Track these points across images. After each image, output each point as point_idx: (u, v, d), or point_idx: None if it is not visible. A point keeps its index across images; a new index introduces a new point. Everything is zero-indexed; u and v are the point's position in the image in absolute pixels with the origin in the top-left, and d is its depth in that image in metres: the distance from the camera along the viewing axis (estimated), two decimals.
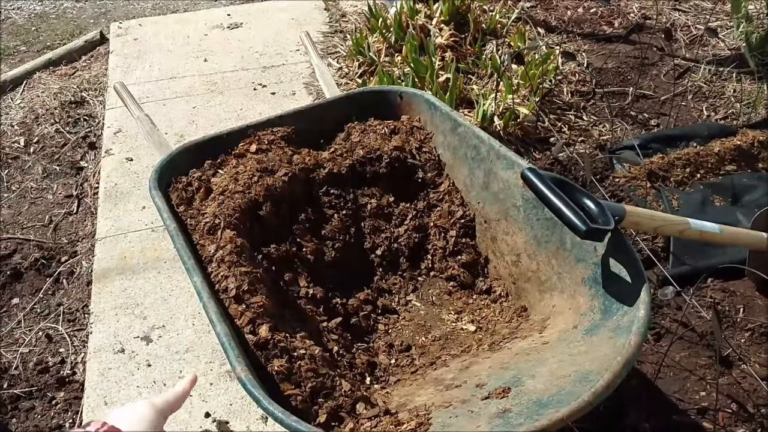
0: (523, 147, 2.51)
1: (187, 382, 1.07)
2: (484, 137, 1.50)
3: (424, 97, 1.69)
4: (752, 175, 2.26)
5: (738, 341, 1.76)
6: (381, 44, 3.06)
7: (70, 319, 2.00)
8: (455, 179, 1.63)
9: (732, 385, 1.65)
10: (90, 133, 2.82)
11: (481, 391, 1.10)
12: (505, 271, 1.52)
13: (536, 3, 3.65)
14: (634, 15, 3.42)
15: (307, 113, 1.71)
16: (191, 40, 3.49)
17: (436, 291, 1.59)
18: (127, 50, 3.40)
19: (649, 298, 1.08)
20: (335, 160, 1.63)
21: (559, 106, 2.73)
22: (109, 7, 4.07)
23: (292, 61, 3.26)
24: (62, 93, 3.05)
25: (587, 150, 2.49)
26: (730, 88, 2.78)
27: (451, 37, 2.98)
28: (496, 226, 1.52)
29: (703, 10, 3.43)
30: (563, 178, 1.21)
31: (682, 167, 2.28)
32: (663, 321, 1.83)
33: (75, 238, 2.30)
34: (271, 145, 1.61)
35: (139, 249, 2.19)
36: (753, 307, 1.84)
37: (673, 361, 1.71)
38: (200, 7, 4.00)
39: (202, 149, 1.58)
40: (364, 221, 1.64)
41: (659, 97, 2.79)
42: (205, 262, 1.31)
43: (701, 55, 3.04)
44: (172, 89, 3.05)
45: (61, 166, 2.64)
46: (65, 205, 2.46)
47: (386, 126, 1.71)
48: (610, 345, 1.06)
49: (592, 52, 3.13)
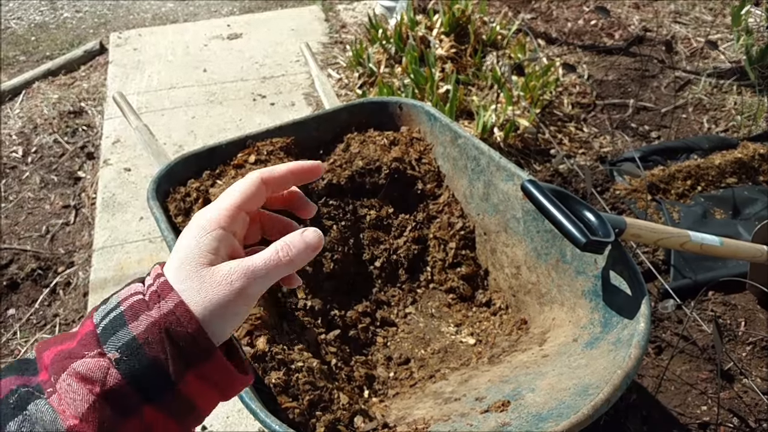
0: (523, 159, 2.50)
1: None
2: (484, 149, 1.49)
3: (424, 108, 1.69)
4: (753, 188, 2.26)
5: (739, 355, 1.75)
6: (381, 55, 3.07)
7: (66, 331, 1.98)
8: (455, 191, 1.62)
9: (733, 400, 1.63)
10: (88, 143, 2.81)
11: (481, 405, 1.09)
12: (505, 283, 1.51)
13: (536, 15, 3.66)
14: (634, 27, 3.43)
15: (307, 124, 1.70)
16: (191, 50, 3.49)
17: (436, 303, 1.58)
18: (126, 60, 3.41)
19: (649, 311, 1.07)
20: (334, 171, 1.62)
21: (560, 118, 2.73)
22: (108, 18, 4.08)
23: (292, 71, 3.26)
24: (61, 103, 3.05)
25: (588, 162, 2.49)
26: (731, 101, 2.78)
27: (451, 49, 2.98)
28: (495, 238, 1.51)
29: (703, 23, 3.44)
30: (563, 190, 1.20)
31: (682, 180, 2.28)
32: (664, 334, 1.81)
33: (72, 248, 2.29)
34: (270, 155, 1.60)
35: (137, 260, 2.18)
36: (754, 320, 1.83)
37: (674, 374, 1.70)
38: (200, 17, 4.01)
39: (201, 159, 1.57)
40: (363, 232, 1.63)
41: (660, 109, 2.79)
42: None
43: (702, 67, 3.04)
44: (171, 99, 3.05)
45: (58, 176, 2.64)
46: (62, 215, 2.45)
47: (386, 137, 1.70)
48: (610, 358, 1.05)
49: (593, 64, 3.13)
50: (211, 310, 0.50)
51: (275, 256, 0.52)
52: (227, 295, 0.50)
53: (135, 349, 0.47)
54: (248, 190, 0.56)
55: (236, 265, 0.51)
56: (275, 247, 0.53)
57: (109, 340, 0.48)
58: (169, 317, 0.49)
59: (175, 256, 0.52)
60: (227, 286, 0.50)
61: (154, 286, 0.51)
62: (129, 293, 0.51)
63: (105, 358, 0.47)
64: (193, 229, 0.53)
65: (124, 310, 0.49)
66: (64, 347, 0.49)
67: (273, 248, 0.53)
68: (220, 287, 0.50)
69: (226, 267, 0.51)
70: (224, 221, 0.54)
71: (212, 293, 0.50)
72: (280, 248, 0.53)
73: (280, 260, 0.52)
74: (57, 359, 0.48)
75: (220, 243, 0.53)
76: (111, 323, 0.49)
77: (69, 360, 0.47)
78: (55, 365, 0.47)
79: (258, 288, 0.52)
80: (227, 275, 0.50)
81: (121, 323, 0.48)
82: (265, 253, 0.53)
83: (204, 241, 0.52)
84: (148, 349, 0.48)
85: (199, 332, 0.49)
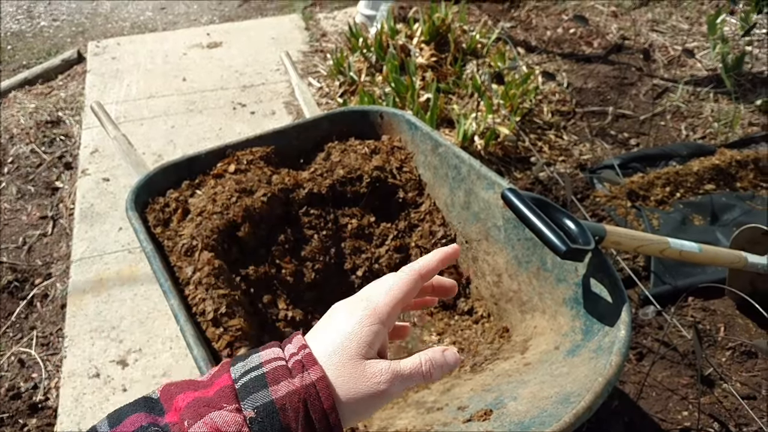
0: (503, 166, 2.52)
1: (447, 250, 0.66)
2: (465, 157, 1.49)
3: (405, 117, 1.69)
4: (730, 195, 2.29)
5: (719, 360, 1.76)
6: (362, 64, 3.07)
7: (43, 343, 1.95)
8: (436, 199, 1.62)
9: (714, 405, 1.64)
10: (66, 153, 2.78)
11: (463, 414, 1.08)
12: (487, 291, 1.51)
13: (516, 23, 3.69)
14: (612, 36, 3.46)
15: (287, 133, 1.69)
16: (170, 59, 3.47)
17: (417, 312, 1.58)
18: (104, 69, 3.38)
19: (629, 318, 1.07)
20: (315, 180, 1.61)
21: (540, 126, 2.74)
22: (86, 26, 4.05)
23: (272, 80, 3.25)
24: (38, 112, 3.02)
25: (567, 169, 2.50)
26: (708, 108, 2.82)
27: (431, 57, 2.99)
28: (477, 246, 1.51)
29: (680, 32, 3.48)
30: (543, 198, 1.20)
31: (661, 186, 2.30)
32: (645, 340, 1.82)
33: (50, 260, 2.26)
34: (250, 165, 1.59)
35: (116, 271, 2.15)
36: (733, 325, 1.85)
37: (655, 380, 1.71)
38: (179, 26, 3.99)
39: (180, 169, 1.55)
40: (344, 242, 1.62)
41: (638, 116, 2.82)
42: (183, 285, 1.28)
43: (679, 75, 3.08)
44: (150, 108, 3.03)
45: (36, 187, 2.60)
46: (40, 226, 2.41)
47: (367, 146, 1.70)
48: (591, 366, 1.05)
49: (572, 72, 3.16)
50: (351, 399, 0.52)
51: (419, 369, 0.56)
52: (371, 392, 0.53)
53: (271, 413, 0.49)
54: (410, 288, 0.60)
55: (387, 367, 0.54)
56: (419, 359, 0.57)
57: (248, 398, 0.49)
58: (310, 389, 0.50)
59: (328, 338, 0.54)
60: (374, 385, 0.53)
61: (298, 355, 0.53)
62: (271, 356, 0.53)
63: (240, 414, 0.49)
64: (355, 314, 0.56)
65: (266, 371, 0.51)
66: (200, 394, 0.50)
67: (417, 359, 0.57)
68: (367, 384, 0.53)
69: (378, 366, 0.54)
70: (385, 317, 0.57)
71: (358, 386, 0.53)
72: (423, 362, 0.57)
73: (422, 373, 0.56)
74: (193, 405, 0.49)
75: (376, 338, 0.56)
76: (252, 382, 0.50)
77: (207, 408, 0.49)
78: (191, 411, 0.49)
79: (398, 391, 0.55)
80: (377, 374, 0.53)
81: (262, 384, 0.50)
82: (411, 362, 0.56)
83: (364, 332, 0.55)
84: (283, 415, 0.49)
85: (332, 411, 0.51)
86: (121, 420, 0.49)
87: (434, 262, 0.63)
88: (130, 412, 0.49)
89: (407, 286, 0.59)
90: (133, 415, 0.49)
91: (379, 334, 0.56)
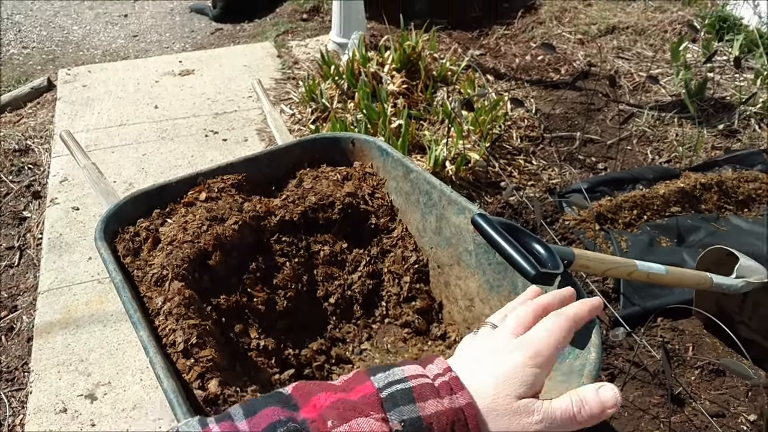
0: (474, 191, 2.54)
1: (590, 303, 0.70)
2: (436, 183, 1.51)
3: (376, 143, 1.70)
4: (696, 216, 2.34)
5: (688, 379, 1.79)
6: (334, 91, 3.09)
7: (8, 378, 1.90)
8: (408, 225, 1.63)
9: (684, 423, 1.66)
10: (35, 181, 2.74)
11: None
12: (459, 315, 1.52)
13: (485, 51, 3.75)
14: (579, 62, 3.54)
15: (259, 160, 1.70)
16: (142, 86, 3.46)
17: (391, 338, 1.58)
18: (75, 97, 3.35)
19: (600, 340, 1.09)
20: (287, 207, 1.61)
21: (509, 151, 2.78)
22: (57, 54, 4.02)
23: (245, 107, 3.26)
24: (6, 141, 2.98)
25: (537, 194, 2.54)
26: (673, 133, 2.89)
27: (402, 84, 3.03)
28: (449, 271, 1.52)
29: (644, 58, 3.57)
30: (513, 223, 1.22)
31: (629, 209, 2.34)
32: (616, 361, 1.84)
33: (16, 291, 2.22)
34: (221, 192, 1.58)
35: (84, 302, 2.12)
36: (701, 345, 1.88)
37: (626, 401, 1.72)
38: (151, 53, 3.99)
39: (151, 198, 1.54)
40: (316, 269, 1.62)
41: (605, 141, 2.88)
42: (153, 315, 1.27)
43: (644, 101, 3.16)
44: (121, 136, 3.01)
45: (2, 217, 2.56)
46: (6, 257, 2.37)
47: (339, 172, 1.71)
48: (562, 389, 1.05)
49: (540, 98, 3.22)
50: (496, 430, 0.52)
51: (570, 411, 0.55)
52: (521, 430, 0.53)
53: (417, 429, 0.49)
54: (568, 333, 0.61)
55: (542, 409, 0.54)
56: (570, 399, 0.56)
57: (395, 409, 0.49)
58: (459, 414, 0.50)
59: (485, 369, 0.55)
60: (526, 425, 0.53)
61: (444, 377, 0.53)
62: (415, 372, 0.53)
63: (387, 425, 0.49)
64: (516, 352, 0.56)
65: (413, 386, 0.51)
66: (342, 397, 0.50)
67: (568, 399, 0.56)
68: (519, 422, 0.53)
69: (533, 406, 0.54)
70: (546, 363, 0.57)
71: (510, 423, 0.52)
72: (574, 403, 0.56)
73: (573, 416, 0.55)
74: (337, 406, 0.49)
75: (537, 380, 0.56)
76: (398, 394, 0.50)
77: (353, 413, 0.49)
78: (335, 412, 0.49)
79: None
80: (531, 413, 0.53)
81: (409, 399, 0.50)
82: (562, 402, 0.56)
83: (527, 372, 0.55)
84: None
85: None
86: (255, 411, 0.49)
87: (585, 312, 0.65)
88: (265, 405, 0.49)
89: (566, 332, 0.60)
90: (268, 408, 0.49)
91: (540, 378, 0.56)
